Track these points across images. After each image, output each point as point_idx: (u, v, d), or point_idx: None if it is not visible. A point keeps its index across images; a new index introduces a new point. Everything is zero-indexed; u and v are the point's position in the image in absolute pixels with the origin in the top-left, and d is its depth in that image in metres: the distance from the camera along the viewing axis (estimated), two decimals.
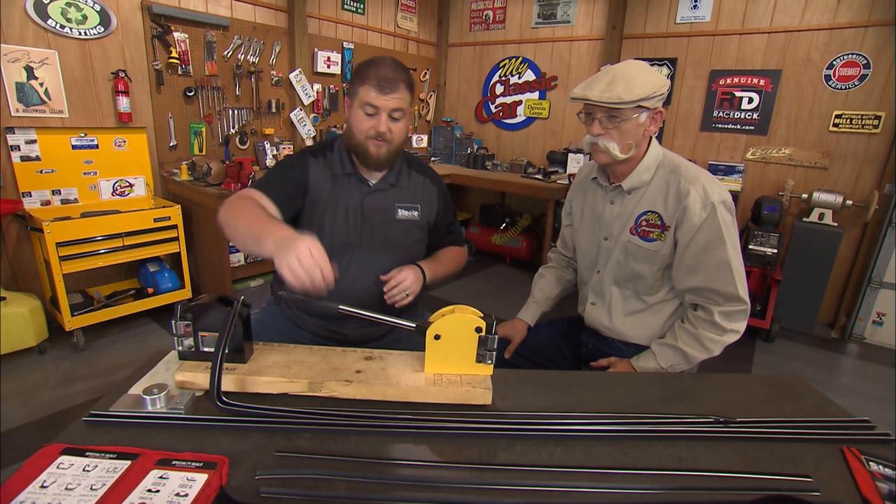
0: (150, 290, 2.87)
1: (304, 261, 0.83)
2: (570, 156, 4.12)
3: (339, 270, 0.88)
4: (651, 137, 1.30)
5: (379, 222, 1.30)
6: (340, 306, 0.99)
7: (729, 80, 3.63)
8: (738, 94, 3.61)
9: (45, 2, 2.51)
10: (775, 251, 3.08)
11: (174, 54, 3.01)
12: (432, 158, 5.01)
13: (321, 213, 1.27)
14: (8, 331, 2.38)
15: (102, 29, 2.72)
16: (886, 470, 0.80)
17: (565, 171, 4.14)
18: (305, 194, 1.26)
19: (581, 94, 1.22)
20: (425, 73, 4.99)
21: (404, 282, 1.24)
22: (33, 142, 2.58)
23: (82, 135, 2.75)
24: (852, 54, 3.16)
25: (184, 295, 2.94)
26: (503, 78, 4.80)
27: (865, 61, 3.13)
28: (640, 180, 1.29)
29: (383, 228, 1.31)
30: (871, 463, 0.81)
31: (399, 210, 1.33)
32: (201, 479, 0.69)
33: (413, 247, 1.37)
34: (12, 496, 0.64)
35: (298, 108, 3.85)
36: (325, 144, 1.34)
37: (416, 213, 1.35)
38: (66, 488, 0.66)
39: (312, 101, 3.92)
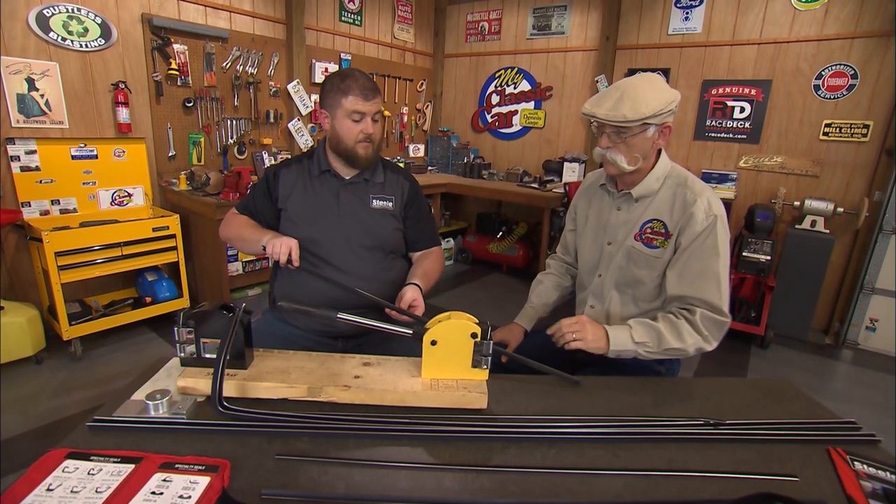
0: (148, 300, 2.88)
1: (284, 246, 1.25)
2: (566, 164, 4.16)
3: (302, 263, 1.28)
4: (660, 150, 1.34)
5: (355, 210, 1.44)
6: (339, 315, 1.02)
7: (721, 90, 3.69)
8: (730, 103, 3.67)
9: (48, 15, 2.54)
10: (769, 258, 3.12)
11: (174, 66, 3.05)
12: (429, 168, 5.05)
13: (301, 209, 1.43)
14: (6, 340, 2.38)
15: (103, 41, 2.76)
16: (870, 469, 0.82)
17: (561, 180, 4.18)
18: (278, 204, 1.46)
19: (589, 111, 1.27)
20: (422, 84, 5.04)
21: (413, 301, 1.31)
22: (33, 152, 2.60)
23: (82, 145, 2.78)
24: (840, 65, 3.23)
25: (182, 304, 2.95)
26: (499, 88, 4.86)
27: (853, 72, 3.19)
28: (650, 189, 1.34)
29: (360, 216, 1.44)
30: (855, 462, 0.84)
31: (374, 200, 1.47)
32: (204, 481, 0.71)
33: (390, 234, 1.48)
34: (19, 499, 0.65)
35: (296, 119, 3.88)
36: (304, 154, 1.53)
37: (390, 204, 1.48)
38: (71, 491, 0.68)
39: (310, 112, 3.96)
